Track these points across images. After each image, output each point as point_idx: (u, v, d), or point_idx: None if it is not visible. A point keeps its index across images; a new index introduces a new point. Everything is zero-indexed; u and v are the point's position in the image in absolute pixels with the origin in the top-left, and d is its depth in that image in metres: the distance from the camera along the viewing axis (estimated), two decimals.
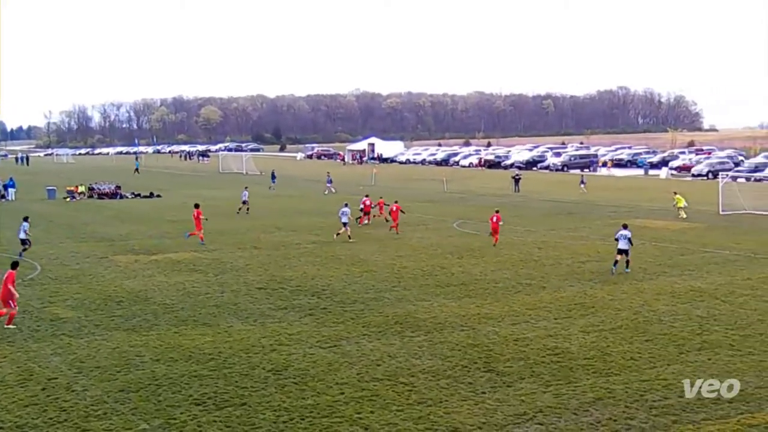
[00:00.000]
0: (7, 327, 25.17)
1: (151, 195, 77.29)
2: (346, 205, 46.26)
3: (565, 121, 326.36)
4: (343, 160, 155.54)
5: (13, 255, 35.88)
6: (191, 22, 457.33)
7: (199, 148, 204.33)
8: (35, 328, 25.34)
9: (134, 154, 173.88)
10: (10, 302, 25.71)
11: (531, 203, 67.14)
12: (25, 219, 40.58)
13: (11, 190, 76.30)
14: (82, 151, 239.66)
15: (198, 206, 44.44)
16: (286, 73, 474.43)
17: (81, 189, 77.26)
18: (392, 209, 49.29)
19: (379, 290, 31.08)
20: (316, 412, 17.94)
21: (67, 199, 73.77)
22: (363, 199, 53.16)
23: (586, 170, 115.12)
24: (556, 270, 35.24)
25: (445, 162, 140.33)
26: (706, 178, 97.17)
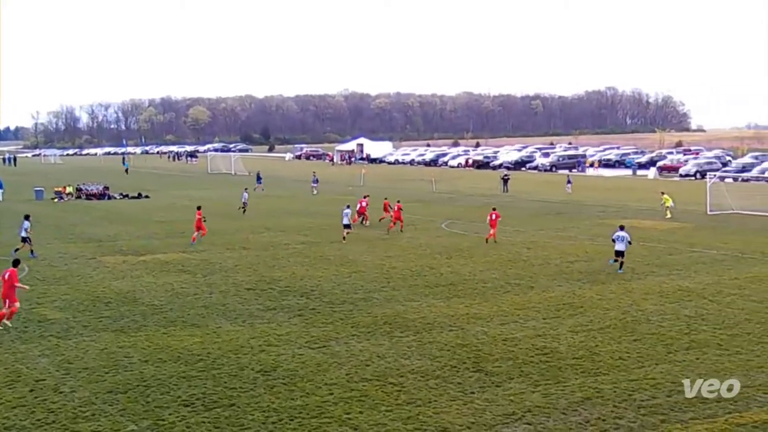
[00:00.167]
0: (4, 323, 25.32)
1: (140, 196, 77.09)
2: (348, 207, 46.46)
3: (554, 121, 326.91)
4: (332, 160, 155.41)
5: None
6: (180, 22, 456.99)
7: (188, 148, 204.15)
8: (23, 330, 25.24)
9: (122, 154, 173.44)
10: (7, 300, 25.71)
11: (520, 203, 67.22)
12: (26, 217, 40.73)
13: None
14: (70, 152, 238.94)
15: (200, 208, 45.01)
16: (274, 73, 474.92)
17: (69, 190, 77.07)
18: (395, 208, 49.66)
19: (368, 290, 31.08)
20: (305, 413, 17.93)
21: (55, 200, 73.53)
22: (360, 200, 53.10)
23: (574, 170, 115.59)
24: (545, 270, 35.30)
25: (434, 162, 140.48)
26: (694, 178, 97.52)
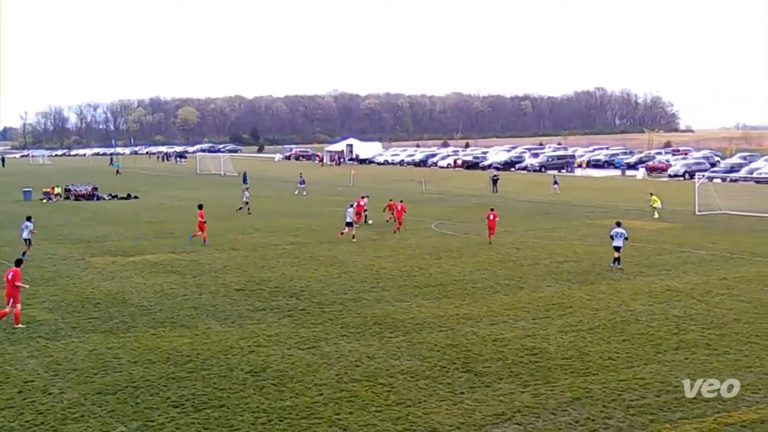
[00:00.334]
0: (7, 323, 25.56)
1: (129, 196, 76.90)
2: (352, 206, 46.63)
3: (543, 121, 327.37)
4: (322, 161, 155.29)
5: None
6: (168, 23, 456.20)
7: (177, 149, 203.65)
8: (11, 331, 25.14)
9: (110, 155, 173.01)
10: (11, 300, 25.79)
11: (509, 204, 67.26)
12: (28, 218, 40.84)
13: None
14: (59, 153, 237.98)
15: (201, 207, 44.96)
16: (264, 73, 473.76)
17: (57, 190, 76.89)
18: (397, 208, 49.88)
19: (358, 291, 31.07)
20: (294, 414, 17.92)
21: (44, 201, 73.29)
22: (358, 199, 53.12)
23: (563, 171, 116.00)
24: (535, 270, 35.35)
25: (424, 163, 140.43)
26: (682, 178, 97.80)
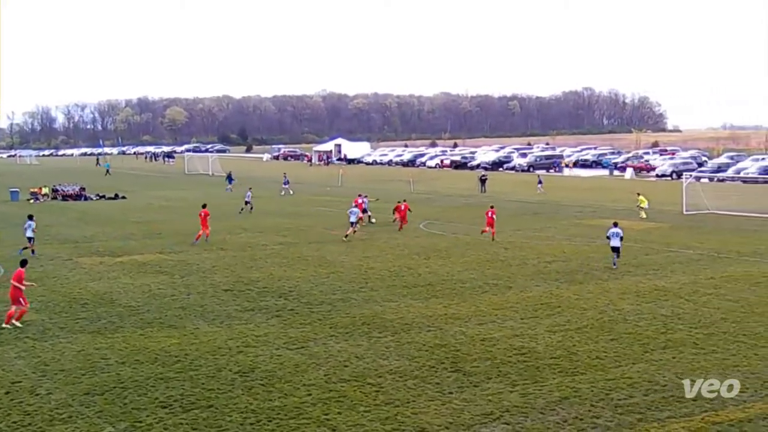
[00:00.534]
0: (8, 325, 25.51)
1: (116, 196, 76.69)
2: (355, 206, 46.68)
3: (531, 121, 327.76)
4: (310, 161, 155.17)
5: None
6: (156, 22, 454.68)
7: (165, 149, 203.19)
8: None
9: (97, 155, 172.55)
10: (21, 300, 25.84)
11: (497, 204, 66.86)
12: (30, 217, 40.95)
13: None
14: (46, 153, 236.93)
15: (205, 206, 45.22)
16: (252, 73, 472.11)
17: (45, 190, 76.59)
18: (400, 207, 50.20)
19: (346, 291, 31.08)
20: (283, 414, 17.91)
21: (31, 201, 72.91)
22: (356, 199, 53.26)
23: (551, 171, 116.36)
24: (523, 270, 35.41)
25: (412, 163, 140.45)
26: (670, 178, 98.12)
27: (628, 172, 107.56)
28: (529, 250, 41.10)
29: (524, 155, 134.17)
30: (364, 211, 51.47)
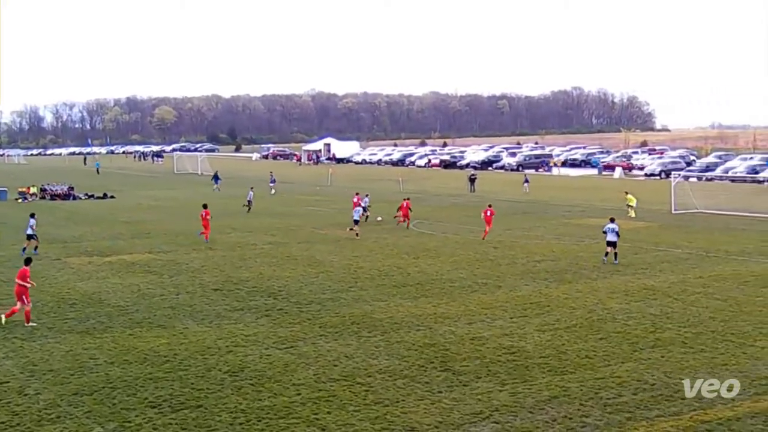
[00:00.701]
0: (28, 323, 25.68)
1: (105, 196, 76.51)
2: (359, 205, 47.03)
3: (520, 121, 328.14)
4: (299, 160, 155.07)
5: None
6: (145, 21, 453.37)
7: (154, 148, 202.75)
8: None
9: (84, 155, 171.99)
10: (24, 298, 25.86)
11: (487, 203, 67.18)
12: (32, 215, 41.44)
13: None
14: (34, 152, 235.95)
15: (206, 206, 45.33)
16: (241, 73, 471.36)
17: (33, 190, 76.38)
18: (402, 205, 50.65)
19: (336, 291, 31.06)
20: (272, 414, 17.89)
21: (19, 201, 72.73)
22: (352, 198, 53.41)
23: (540, 170, 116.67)
24: (512, 269, 35.45)
25: (401, 162, 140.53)
26: (658, 177, 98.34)
27: (617, 172, 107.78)
28: (518, 249, 41.14)
29: (513, 154, 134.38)
30: (364, 210, 51.57)
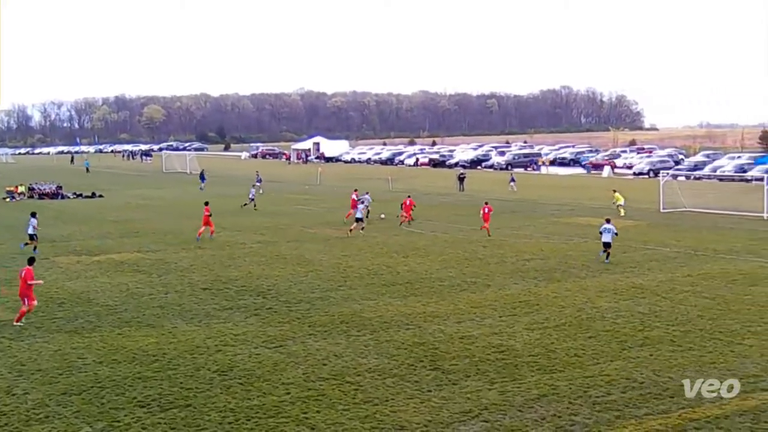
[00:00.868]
0: (16, 324, 25.63)
1: (93, 195, 76.30)
2: (362, 202, 47.04)
3: (509, 120, 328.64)
4: (289, 159, 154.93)
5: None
6: (133, 20, 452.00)
7: (142, 147, 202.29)
8: None
9: (72, 153, 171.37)
10: (26, 299, 25.88)
11: (476, 202, 67.19)
12: (33, 215, 41.30)
13: None
14: (22, 151, 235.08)
15: (207, 204, 45.45)
16: (230, 71, 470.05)
17: (21, 189, 76.10)
18: (405, 203, 51.00)
19: (325, 290, 31.05)
20: (262, 413, 17.87)
21: (7, 200, 72.48)
22: (352, 196, 53.54)
23: (529, 169, 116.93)
24: (501, 268, 35.49)
25: (390, 161, 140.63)
26: (647, 176, 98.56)
27: (606, 170, 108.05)
28: (507, 248, 41.19)
29: (502, 153, 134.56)
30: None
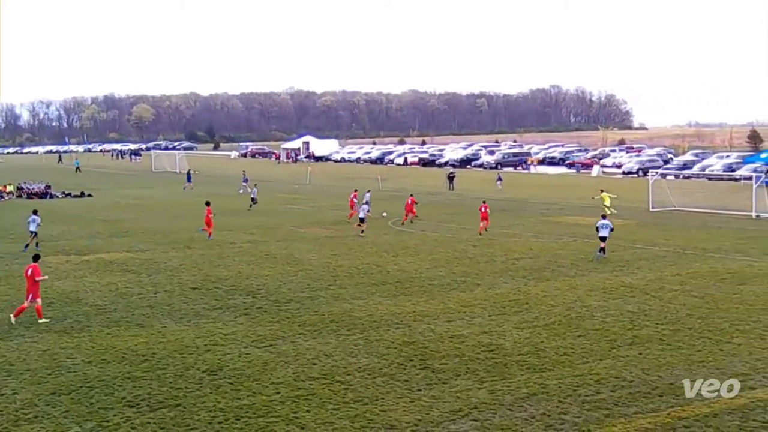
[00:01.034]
0: (15, 318, 25.87)
1: (83, 194, 76.09)
2: (366, 203, 47.15)
3: (499, 119, 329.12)
4: (278, 158, 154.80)
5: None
6: (123, 19, 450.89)
7: (131, 146, 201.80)
8: None
9: (59, 153, 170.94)
10: (30, 296, 25.94)
11: (465, 201, 67.50)
12: (35, 212, 41.79)
13: None
14: (10, 150, 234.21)
15: (209, 204, 45.58)
16: (219, 71, 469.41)
17: (9, 189, 75.88)
18: (407, 202, 51.53)
19: (315, 289, 31.03)
20: (251, 412, 17.86)
21: None
22: (351, 195, 53.61)
23: (518, 168, 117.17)
24: (491, 267, 35.53)
25: (380, 160, 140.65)
26: (636, 175, 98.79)
27: (595, 170, 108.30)
28: (496, 247, 41.24)
29: (492, 153, 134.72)
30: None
